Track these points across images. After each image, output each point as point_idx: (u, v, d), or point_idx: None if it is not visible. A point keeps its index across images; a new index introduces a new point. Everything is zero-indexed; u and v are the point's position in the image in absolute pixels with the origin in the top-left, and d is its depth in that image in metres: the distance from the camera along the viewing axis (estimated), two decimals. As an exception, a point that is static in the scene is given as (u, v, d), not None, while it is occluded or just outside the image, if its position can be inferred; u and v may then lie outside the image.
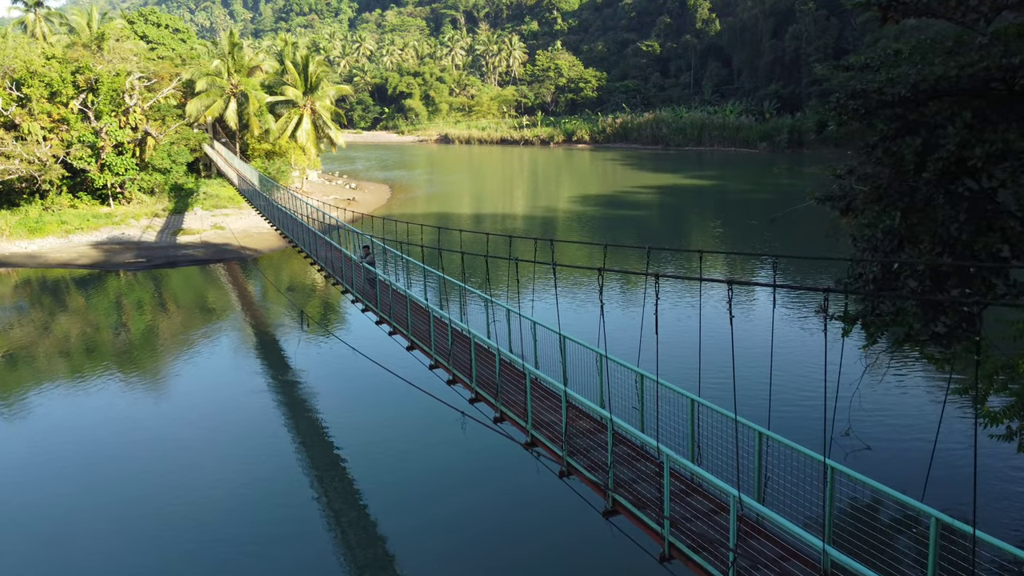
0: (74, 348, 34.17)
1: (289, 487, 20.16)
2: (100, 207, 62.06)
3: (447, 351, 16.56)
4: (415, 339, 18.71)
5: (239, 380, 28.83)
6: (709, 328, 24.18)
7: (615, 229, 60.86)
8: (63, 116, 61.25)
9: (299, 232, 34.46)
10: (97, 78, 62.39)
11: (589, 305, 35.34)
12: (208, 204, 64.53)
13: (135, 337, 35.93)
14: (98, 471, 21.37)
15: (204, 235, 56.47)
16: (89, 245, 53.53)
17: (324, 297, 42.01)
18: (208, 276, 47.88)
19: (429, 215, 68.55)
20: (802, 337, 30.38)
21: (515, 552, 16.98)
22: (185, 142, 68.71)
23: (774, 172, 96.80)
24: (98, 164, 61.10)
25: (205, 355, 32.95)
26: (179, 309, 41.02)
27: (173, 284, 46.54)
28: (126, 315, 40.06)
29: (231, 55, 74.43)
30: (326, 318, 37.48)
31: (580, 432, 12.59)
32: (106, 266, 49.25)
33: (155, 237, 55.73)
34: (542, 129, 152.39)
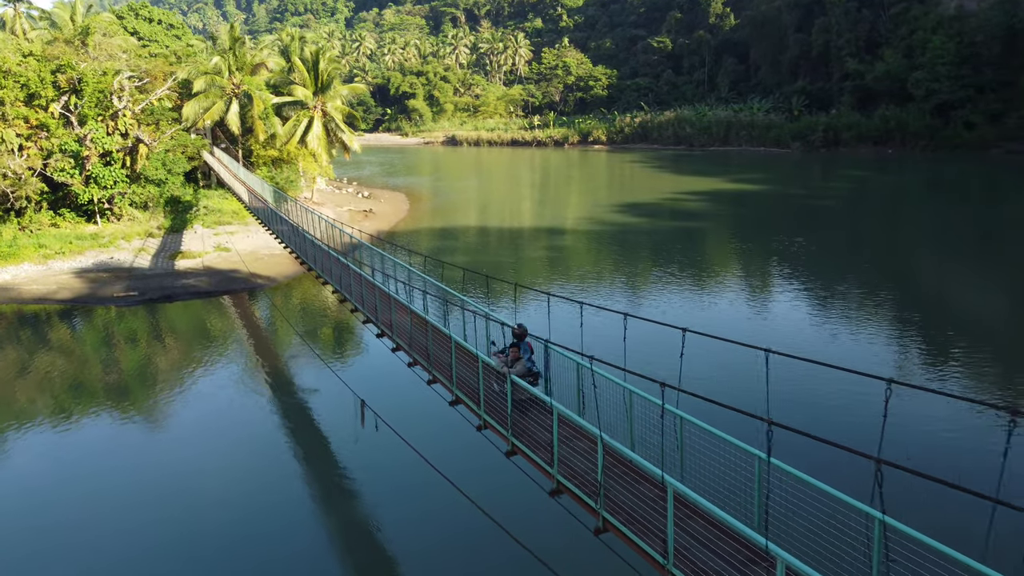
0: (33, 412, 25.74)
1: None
2: (85, 225, 53.42)
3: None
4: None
5: (273, 502, 20.28)
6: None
7: (675, 244, 52.54)
8: (42, 121, 52.55)
9: (326, 263, 26.27)
10: (81, 77, 53.73)
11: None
12: (209, 220, 55.95)
13: (125, 409, 27.48)
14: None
15: (206, 259, 47.91)
16: (71, 273, 44.93)
17: (367, 352, 33.55)
18: (212, 313, 39.37)
19: (458, 233, 60.11)
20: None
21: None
22: (182, 149, 60.08)
23: (837, 174, 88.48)
24: (82, 176, 52.46)
25: (227, 463, 24.01)
26: (178, 366, 32.48)
27: (170, 324, 38.05)
28: (111, 371, 31.59)
29: (232, 51, 65.79)
30: (384, 404, 29.06)
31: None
32: (90, 300, 40.66)
33: (149, 262, 47.14)
34: (555, 130, 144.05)
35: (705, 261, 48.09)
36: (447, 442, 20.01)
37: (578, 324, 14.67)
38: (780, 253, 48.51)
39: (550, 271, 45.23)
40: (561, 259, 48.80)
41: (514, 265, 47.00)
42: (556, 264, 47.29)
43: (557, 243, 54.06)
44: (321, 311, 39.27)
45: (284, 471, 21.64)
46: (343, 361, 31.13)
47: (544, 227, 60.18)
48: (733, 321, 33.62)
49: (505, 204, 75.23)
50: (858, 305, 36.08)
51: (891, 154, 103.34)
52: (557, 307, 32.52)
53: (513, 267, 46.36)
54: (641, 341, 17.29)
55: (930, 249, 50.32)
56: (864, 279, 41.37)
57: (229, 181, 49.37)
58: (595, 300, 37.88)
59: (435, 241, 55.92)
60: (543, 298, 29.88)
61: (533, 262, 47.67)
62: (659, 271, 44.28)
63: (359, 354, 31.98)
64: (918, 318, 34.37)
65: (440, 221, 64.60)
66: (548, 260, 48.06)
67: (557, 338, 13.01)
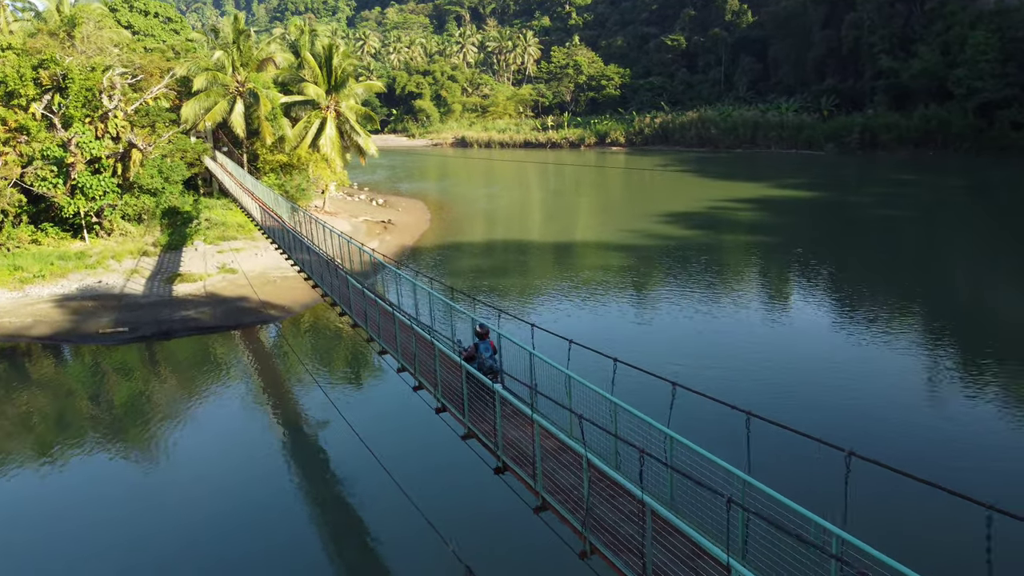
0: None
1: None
2: (71, 242, 46.49)
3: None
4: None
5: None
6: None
7: (747, 265, 45.73)
8: (21, 123, 45.65)
9: (359, 304, 19.70)
10: (66, 73, 46.82)
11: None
12: (212, 235, 49.02)
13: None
14: None
15: (209, 283, 41.00)
16: (51, 302, 37.97)
17: (410, 413, 26.64)
18: (218, 355, 32.44)
19: (492, 249, 53.19)
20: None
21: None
22: (181, 154, 53.11)
23: (887, 178, 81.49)
24: (67, 186, 45.52)
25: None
26: (178, 433, 25.57)
27: (166, 369, 31.14)
28: (94, 428, 24.70)
29: (236, 45, 58.78)
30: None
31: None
32: (71, 338, 33.73)
33: (143, 288, 40.19)
34: (570, 130, 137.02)
35: (802, 286, 41.27)
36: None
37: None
38: (888, 279, 41.77)
39: (630, 309, 38.39)
40: (635, 284, 41.96)
41: (574, 295, 40.15)
42: (633, 297, 40.42)
43: (614, 262, 47.20)
44: (350, 352, 32.40)
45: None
46: (380, 424, 24.27)
47: (592, 242, 53.16)
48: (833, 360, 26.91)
49: (538, 214, 68.03)
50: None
51: (932, 156, 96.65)
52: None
53: (572, 297, 39.52)
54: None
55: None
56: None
57: (236, 193, 42.38)
58: (694, 328, 31.08)
59: (466, 259, 49.04)
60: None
61: (599, 295, 40.81)
62: (746, 293, 37.54)
63: (398, 415, 25.12)
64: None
65: (468, 234, 57.66)
66: (618, 288, 41.21)
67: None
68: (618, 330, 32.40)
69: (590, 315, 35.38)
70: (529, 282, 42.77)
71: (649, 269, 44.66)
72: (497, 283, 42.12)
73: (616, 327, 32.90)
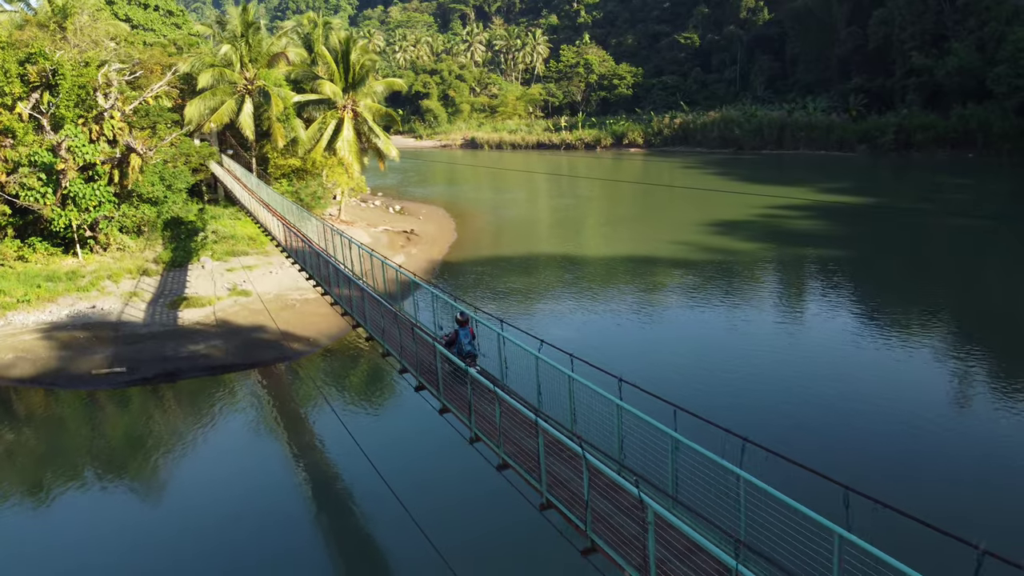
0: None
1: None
2: (62, 258, 40.96)
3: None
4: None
5: None
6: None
7: (824, 283, 40.30)
8: (6, 125, 40.14)
9: (408, 347, 14.89)
10: (56, 69, 41.30)
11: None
12: (220, 250, 43.52)
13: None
14: None
15: (220, 308, 35.48)
16: (38, 332, 32.45)
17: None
18: (234, 405, 26.89)
19: (531, 265, 47.69)
20: None
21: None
22: (185, 159, 47.58)
23: (934, 182, 75.91)
24: (57, 196, 40.00)
25: None
26: (188, 520, 20.11)
27: (172, 424, 25.59)
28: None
29: (245, 39, 53.19)
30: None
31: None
32: (59, 380, 28.21)
33: (143, 314, 34.67)
34: (585, 131, 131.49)
35: (909, 318, 35.85)
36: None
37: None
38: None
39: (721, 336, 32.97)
40: (702, 312, 36.53)
41: (641, 322, 34.73)
42: (704, 329, 34.96)
43: (672, 281, 41.79)
44: (397, 400, 26.93)
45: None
46: (440, 500, 18.82)
47: (643, 257, 47.46)
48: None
49: (574, 224, 61.95)
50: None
51: (971, 158, 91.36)
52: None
53: (639, 325, 34.10)
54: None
55: None
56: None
57: (250, 206, 36.70)
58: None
59: (507, 277, 43.56)
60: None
61: (669, 320, 35.37)
62: (840, 321, 32.18)
63: (471, 497, 19.61)
64: None
65: (501, 246, 52.06)
66: (688, 319, 35.77)
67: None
68: (693, 372, 27.00)
69: (658, 350, 29.99)
70: (581, 307, 37.32)
71: (712, 290, 39.23)
72: (547, 308, 36.69)
73: (691, 368, 27.49)
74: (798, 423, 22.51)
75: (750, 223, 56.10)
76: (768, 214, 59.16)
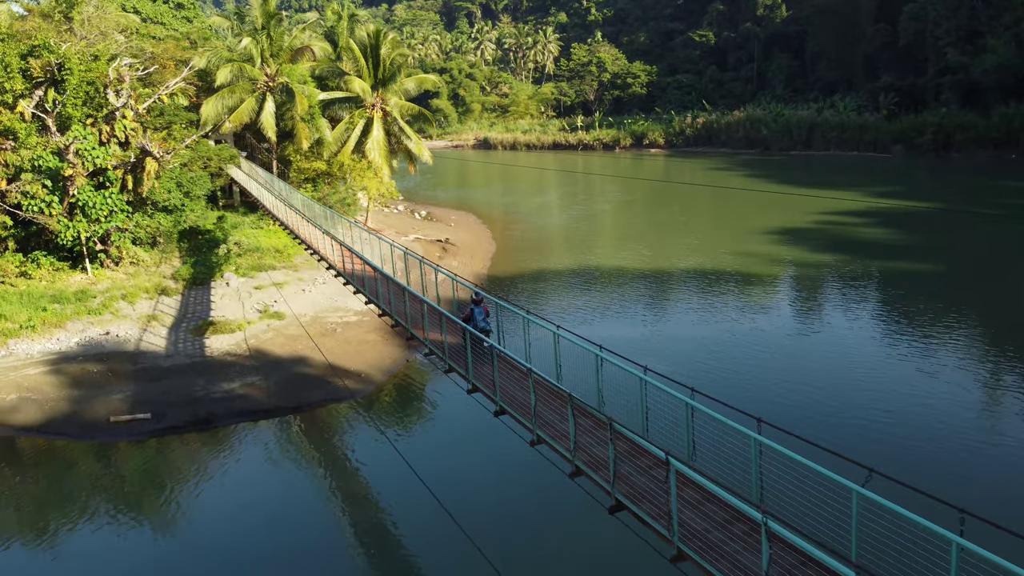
0: None
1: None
2: (69, 274, 36.32)
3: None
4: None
5: None
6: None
7: (927, 304, 35.81)
8: (7, 125, 35.50)
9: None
10: (62, 63, 36.66)
11: None
12: (245, 265, 38.89)
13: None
14: None
15: (251, 333, 30.88)
16: (44, 365, 27.85)
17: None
18: (285, 466, 22.24)
19: (586, 280, 43.09)
20: None
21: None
22: (203, 163, 42.94)
23: (991, 185, 71.38)
24: (64, 205, 35.39)
25: None
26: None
27: (212, 489, 20.94)
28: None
29: (266, 32, 48.52)
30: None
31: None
32: (70, 429, 23.59)
33: (165, 342, 30.07)
34: (603, 131, 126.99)
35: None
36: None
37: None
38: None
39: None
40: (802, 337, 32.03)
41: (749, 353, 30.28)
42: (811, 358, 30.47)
43: (755, 298, 37.31)
44: (480, 454, 22.36)
45: None
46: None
47: (703, 270, 42.89)
48: None
49: (620, 231, 56.50)
50: None
51: (1015, 159, 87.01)
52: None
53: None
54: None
55: None
56: None
57: (290, 222, 31.77)
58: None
59: (566, 292, 39.01)
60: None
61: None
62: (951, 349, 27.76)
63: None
64: None
65: (550, 258, 47.26)
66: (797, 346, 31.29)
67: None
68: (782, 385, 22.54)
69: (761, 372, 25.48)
70: (652, 324, 32.82)
71: (800, 311, 34.77)
72: (617, 327, 32.15)
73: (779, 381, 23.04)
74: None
75: (810, 231, 51.60)
76: (827, 220, 54.65)
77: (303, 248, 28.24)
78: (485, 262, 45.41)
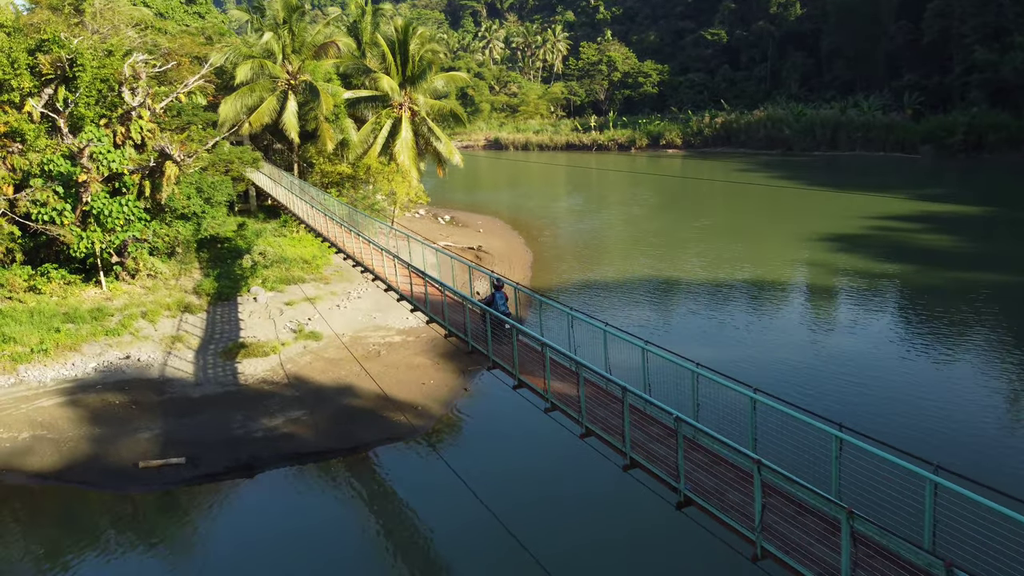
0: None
1: None
2: (82, 288, 33.14)
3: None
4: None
5: None
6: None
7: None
8: (14, 126, 32.28)
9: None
10: (74, 59, 33.45)
11: None
12: (272, 277, 35.71)
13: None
14: None
15: (287, 356, 27.70)
16: (58, 395, 24.67)
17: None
18: (343, 520, 19.10)
19: (646, 291, 39.92)
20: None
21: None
22: (225, 166, 39.74)
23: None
24: (77, 214, 32.20)
25: None
26: None
27: (266, 554, 17.79)
28: None
29: (288, 26, 45.31)
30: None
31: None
32: (90, 477, 20.39)
33: (192, 367, 26.88)
34: (618, 131, 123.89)
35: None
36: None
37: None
38: None
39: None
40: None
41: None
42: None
43: (830, 314, 34.23)
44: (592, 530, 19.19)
45: None
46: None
47: (762, 281, 39.76)
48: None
49: (660, 237, 52.09)
50: None
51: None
52: None
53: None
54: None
55: None
56: None
57: (332, 234, 28.51)
58: None
59: (614, 309, 35.84)
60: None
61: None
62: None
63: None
64: None
65: (590, 268, 44.01)
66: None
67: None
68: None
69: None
70: (728, 342, 29.71)
71: (889, 326, 31.67)
72: (717, 350, 28.97)
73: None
74: None
75: (865, 237, 48.48)
76: (879, 226, 51.54)
77: (352, 265, 25.02)
78: (525, 272, 42.25)
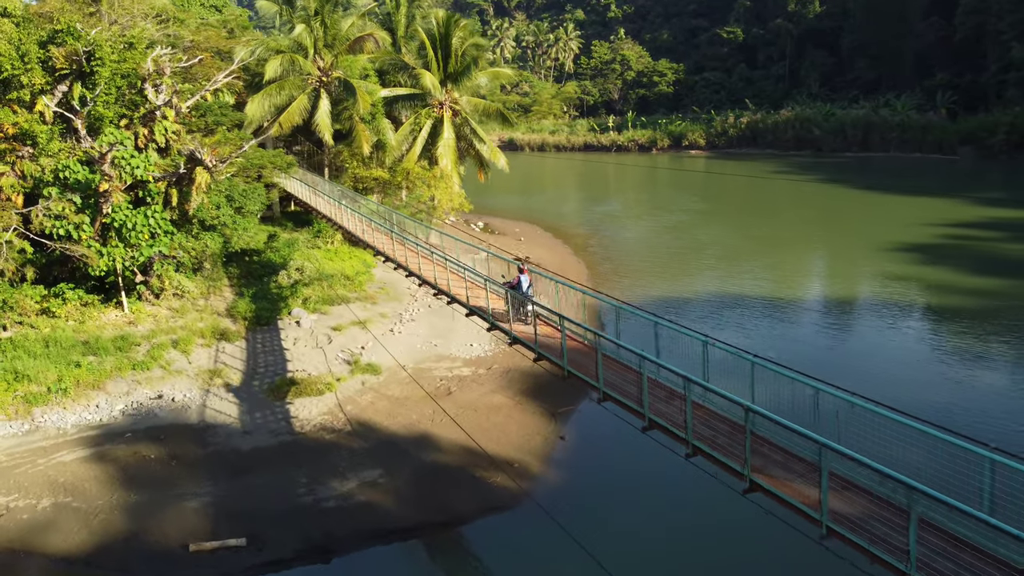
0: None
1: None
2: (102, 311, 29.06)
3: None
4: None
5: None
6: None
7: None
8: (25, 127, 28.19)
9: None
10: (92, 52, 29.40)
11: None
12: (315, 297, 31.65)
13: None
14: None
15: (345, 396, 23.66)
16: (82, 448, 20.62)
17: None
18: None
19: (720, 313, 35.97)
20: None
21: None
22: (257, 172, 35.67)
23: None
24: (96, 227, 28.12)
25: None
26: None
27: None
28: None
29: (320, 18, 41.21)
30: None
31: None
32: (132, 566, 16.25)
33: (237, 410, 22.79)
34: (637, 132, 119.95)
35: None
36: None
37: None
38: None
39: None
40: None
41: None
42: None
43: (929, 335, 30.29)
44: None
45: None
46: None
47: (857, 299, 35.89)
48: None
49: (718, 248, 47.39)
50: None
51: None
52: None
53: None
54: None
55: None
56: None
57: (399, 255, 24.36)
58: None
59: (736, 330, 31.83)
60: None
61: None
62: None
63: None
64: None
65: (655, 283, 39.87)
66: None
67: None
68: None
69: None
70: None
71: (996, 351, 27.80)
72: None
73: None
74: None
75: (941, 246, 44.56)
76: (951, 233, 47.64)
77: (434, 293, 21.04)
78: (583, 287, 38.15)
